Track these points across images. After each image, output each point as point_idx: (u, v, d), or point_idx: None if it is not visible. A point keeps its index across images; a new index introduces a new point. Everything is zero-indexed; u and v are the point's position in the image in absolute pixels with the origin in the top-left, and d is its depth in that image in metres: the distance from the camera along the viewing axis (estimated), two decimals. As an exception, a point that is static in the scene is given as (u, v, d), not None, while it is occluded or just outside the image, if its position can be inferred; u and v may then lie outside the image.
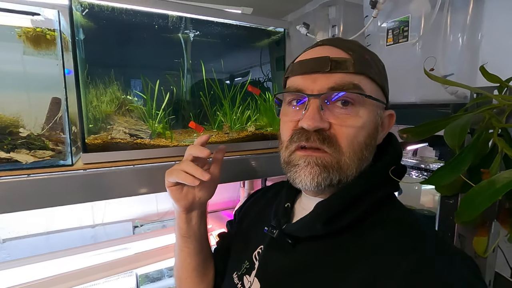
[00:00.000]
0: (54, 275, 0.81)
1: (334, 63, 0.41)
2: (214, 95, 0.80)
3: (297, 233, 0.45)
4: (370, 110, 0.42)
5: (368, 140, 0.42)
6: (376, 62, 0.45)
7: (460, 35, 0.61)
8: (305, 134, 0.41)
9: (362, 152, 0.42)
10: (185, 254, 0.58)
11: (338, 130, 0.41)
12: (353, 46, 0.44)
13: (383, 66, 0.47)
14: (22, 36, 0.57)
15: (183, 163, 0.50)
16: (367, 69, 0.42)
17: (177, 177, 0.49)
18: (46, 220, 1.12)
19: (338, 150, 0.41)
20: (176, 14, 0.72)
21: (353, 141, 0.41)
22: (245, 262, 0.52)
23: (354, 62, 0.41)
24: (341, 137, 0.41)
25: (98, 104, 0.67)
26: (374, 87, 0.43)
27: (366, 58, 0.43)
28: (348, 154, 0.41)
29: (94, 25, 0.64)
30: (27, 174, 0.55)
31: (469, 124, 0.43)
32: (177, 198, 0.53)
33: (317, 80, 0.42)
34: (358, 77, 0.41)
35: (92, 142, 0.63)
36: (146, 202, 1.31)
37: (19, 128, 0.60)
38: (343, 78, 0.41)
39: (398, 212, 0.44)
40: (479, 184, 0.40)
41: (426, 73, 0.52)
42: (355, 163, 0.41)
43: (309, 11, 0.99)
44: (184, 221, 0.56)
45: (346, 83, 0.41)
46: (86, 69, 0.63)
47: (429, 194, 1.14)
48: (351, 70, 0.41)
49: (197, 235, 0.58)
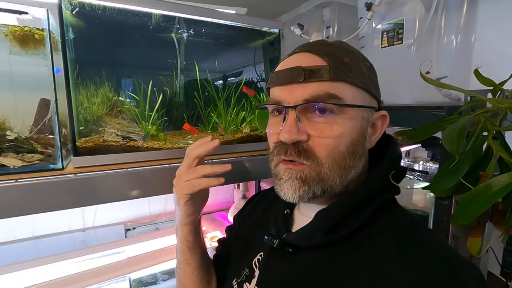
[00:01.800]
0: (44, 282, 0.78)
1: (308, 72, 0.40)
2: (208, 96, 0.79)
3: (298, 243, 0.44)
4: (352, 116, 0.41)
5: (351, 148, 0.41)
6: (359, 64, 0.43)
7: (454, 38, 0.62)
8: (284, 147, 0.41)
9: (344, 161, 0.41)
10: (193, 266, 0.56)
11: (316, 141, 0.40)
12: (331, 50, 0.42)
13: (368, 67, 0.44)
14: (8, 35, 0.54)
15: (196, 170, 0.48)
16: (346, 74, 0.40)
17: (200, 185, 0.47)
18: (34, 225, 1.09)
19: (317, 162, 0.40)
20: (170, 14, 0.71)
21: (333, 151, 0.40)
22: (245, 269, 0.52)
23: (330, 68, 0.39)
24: (319, 149, 0.40)
25: (89, 106, 0.65)
26: (356, 91, 0.41)
27: (345, 61, 0.41)
28: (328, 164, 0.40)
29: (84, 24, 0.62)
30: (15, 179, 0.52)
31: (467, 129, 0.43)
32: (191, 212, 0.51)
33: (293, 91, 0.41)
34: (336, 84, 0.40)
35: (83, 145, 0.61)
36: (138, 204, 1.29)
37: (6, 131, 0.58)
38: (318, 87, 0.40)
39: (399, 219, 0.44)
40: (476, 188, 0.41)
41: (422, 76, 0.52)
42: (336, 173, 0.41)
43: (304, 12, 0.98)
44: (192, 233, 0.54)
45: (321, 94, 0.39)
46: (76, 70, 0.61)
47: (421, 194, 1.16)
48: (327, 77, 0.39)
49: (201, 244, 0.58)
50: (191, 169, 0.49)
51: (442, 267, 0.35)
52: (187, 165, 0.50)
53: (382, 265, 0.37)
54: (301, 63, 0.41)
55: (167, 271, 0.97)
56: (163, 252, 0.96)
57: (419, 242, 0.39)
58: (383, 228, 0.42)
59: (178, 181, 0.50)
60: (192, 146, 0.51)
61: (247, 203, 0.68)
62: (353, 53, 0.44)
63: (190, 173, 0.48)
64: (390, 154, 0.45)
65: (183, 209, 0.51)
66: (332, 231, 0.41)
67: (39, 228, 1.10)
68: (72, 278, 0.79)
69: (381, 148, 0.46)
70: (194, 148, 0.50)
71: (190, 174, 0.48)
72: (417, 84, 0.65)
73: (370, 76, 0.44)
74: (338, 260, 0.41)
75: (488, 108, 0.48)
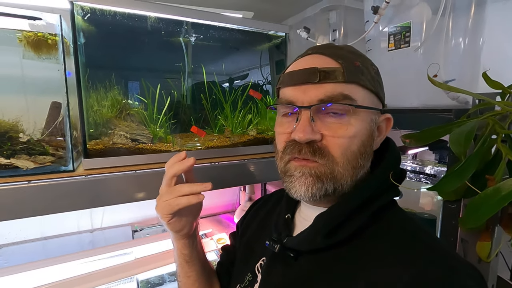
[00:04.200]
0: (54, 282, 0.80)
1: (323, 74, 0.40)
2: (215, 99, 0.80)
3: (298, 247, 0.45)
4: (363, 118, 0.42)
5: (362, 148, 0.42)
6: (368, 67, 0.44)
7: (462, 41, 0.61)
8: (298, 146, 0.42)
9: (356, 161, 0.42)
10: (193, 279, 0.57)
11: (330, 141, 0.41)
12: (343, 53, 0.43)
13: (376, 70, 0.46)
14: (23, 40, 0.56)
15: (175, 190, 0.47)
16: (358, 76, 0.41)
17: (178, 205, 0.46)
18: (43, 225, 1.10)
19: (331, 161, 0.41)
20: (178, 19, 0.72)
21: (346, 150, 0.41)
22: (248, 274, 0.52)
23: (343, 71, 0.40)
24: (333, 148, 0.41)
25: (99, 109, 0.66)
26: (367, 94, 0.43)
27: (357, 65, 0.42)
28: (342, 164, 0.41)
29: (94, 29, 0.64)
30: (28, 181, 0.54)
31: (475, 132, 0.43)
32: (179, 229, 0.52)
33: (307, 91, 0.41)
34: (349, 86, 0.41)
35: (94, 147, 0.62)
36: (145, 205, 1.30)
37: (19, 133, 0.59)
38: (333, 88, 0.40)
39: (399, 221, 0.44)
40: (485, 191, 0.41)
41: (429, 79, 0.52)
42: (349, 172, 0.41)
43: (310, 15, 0.99)
44: (187, 246, 0.55)
45: (335, 94, 0.40)
46: (87, 73, 0.62)
47: (428, 197, 1.15)
48: (341, 79, 0.40)
49: (200, 254, 0.58)
50: (170, 189, 0.48)
51: (441, 268, 0.35)
52: (165, 183, 0.49)
53: (382, 267, 0.38)
54: (316, 64, 0.41)
55: (173, 272, 0.97)
56: (170, 254, 0.96)
57: (418, 244, 0.39)
58: (383, 230, 0.42)
59: (158, 200, 0.49)
60: (168, 164, 0.50)
61: (250, 209, 0.68)
62: (363, 57, 0.45)
63: (169, 192, 0.48)
64: (389, 157, 0.46)
65: (169, 227, 0.51)
66: (332, 234, 0.42)
67: (48, 228, 1.12)
68: (81, 279, 0.80)
69: (381, 150, 0.47)
70: (170, 166, 0.49)
71: (168, 194, 0.48)
72: (424, 87, 0.65)
73: (378, 80, 0.45)
74: (339, 263, 0.41)
75: (497, 111, 0.48)
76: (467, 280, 0.35)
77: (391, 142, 0.49)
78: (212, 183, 0.48)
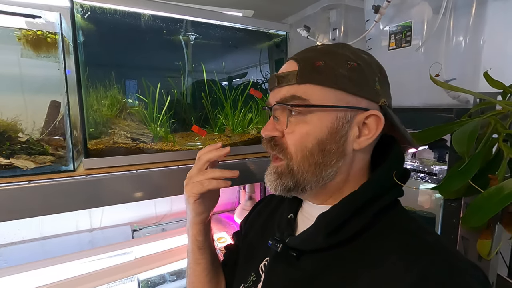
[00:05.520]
0: (55, 282, 0.79)
1: (280, 79, 0.45)
2: (216, 98, 0.80)
3: (300, 246, 0.45)
4: (321, 116, 0.43)
5: (320, 146, 0.42)
6: (337, 65, 0.42)
7: (462, 40, 0.61)
8: (265, 141, 0.48)
9: (312, 157, 0.43)
10: (203, 266, 0.58)
11: (287, 137, 0.45)
12: (311, 55, 0.45)
13: (352, 67, 0.42)
14: (22, 39, 0.55)
15: (207, 172, 0.52)
16: (313, 76, 0.43)
17: (209, 186, 0.50)
18: (41, 225, 1.10)
19: (287, 155, 0.44)
20: (178, 17, 0.72)
21: (301, 147, 0.43)
22: (252, 274, 0.52)
23: (298, 73, 0.43)
24: (289, 144, 0.44)
25: (99, 108, 0.65)
26: (328, 92, 0.42)
27: (317, 64, 0.42)
28: (297, 159, 0.44)
29: (93, 28, 0.63)
30: (28, 181, 0.53)
31: (477, 131, 0.43)
32: (200, 211, 0.54)
33: (273, 94, 0.47)
34: (302, 86, 0.43)
35: (94, 147, 0.62)
36: (144, 205, 1.29)
37: (18, 133, 0.59)
38: (287, 90, 0.44)
39: (402, 220, 0.44)
40: (488, 191, 0.41)
41: (431, 78, 0.53)
42: (306, 168, 0.43)
43: (310, 14, 0.99)
44: (202, 233, 0.57)
45: (288, 96, 0.44)
46: (86, 72, 0.62)
47: (426, 195, 1.15)
48: (293, 81, 0.44)
49: (211, 244, 0.59)
50: (202, 171, 0.52)
51: (444, 268, 0.35)
52: (198, 167, 0.53)
53: (384, 266, 0.38)
54: (280, 71, 0.47)
55: (174, 272, 0.98)
56: (171, 253, 0.96)
57: (421, 243, 0.39)
58: (385, 229, 0.42)
59: (188, 181, 0.53)
60: (204, 151, 0.54)
61: (253, 209, 0.68)
62: (335, 55, 0.43)
63: (201, 174, 0.52)
64: (392, 156, 0.45)
65: (193, 207, 0.54)
66: (334, 234, 0.42)
67: (46, 228, 1.11)
68: (82, 278, 0.79)
69: (385, 150, 0.47)
70: (206, 152, 0.54)
71: (200, 175, 0.52)
72: (425, 86, 0.65)
73: (351, 77, 0.42)
74: (341, 262, 0.41)
75: (498, 111, 0.48)
76: (471, 280, 0.34)
77: (396, 141, 0.48)
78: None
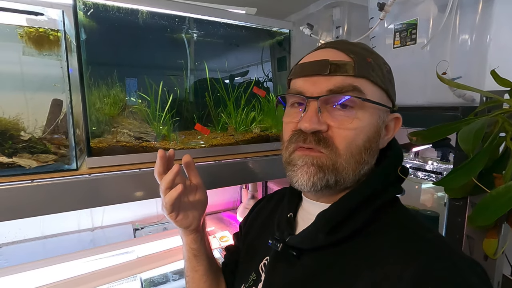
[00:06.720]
0: (57, 281, 0.79)
1: (333, 66, 0.41)
2: (218, 96, 0.79)
3: (301, 245, 0.44)
4: (371, 113, 0.42)
5: (367, 144, 0.42)
6: (381, 65, 0.44)
7: (469, 38, 0.61)
8: (303, 135, 0.42)
9: (360, 155, 0.41)
10: (201, 273, 0.58)
11: (335, 132, 0.41)
12: (356, 48, 0.44)
13: (388, 70, 0.46)
14: (24, 36, 0.55)
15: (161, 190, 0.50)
16: (369, 72, 0.42)
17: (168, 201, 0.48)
18: (43, 224, 1.09)
19: (335, 152, 0.41)
20: (181, 14, 0.71)
21: (351, 143, 0.41)
22: (252, 274, 0.52)
23: (354, 65, 0.41)
24: (338, 139, 0.41)
25: (102, 106, 0.65)
26: (376, 90, 0.43)
27: (368, 61, 0.42)
28: (345, 156, 0.41)
29: (96, 25, 0.62)
30: (31, 180, 0.53)
31: (484, 129, 0.43)
32: (187, 225, 0.54)
33: (317, 83, 0.42)
34: (359, 80, 0.41)
35: (97, 145, 0.61)
36: (146, 204, 1.29)
37: (20, 132, 0.58)
38: (342, 81, 0.41)
39: (401, 218, 0.44)
40: (496, 190, 0.40)
41: (438, 76, 0.52)
42: (352, 166, 0.41)
43: (313, 12, 0.98)
44: (195, 240, 0.56)
45: (345, 86, 0.40)
46: (89, 70, 0.61)
47: (429, 194, 1.15)
48: (351, 73, 0.40)
49: (207, 250, 0.59)
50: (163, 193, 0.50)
51: (444, 264, 0.35)
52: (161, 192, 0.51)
53: (384, 264, 0.37)
54: (328, 57, 0.42)
55: (177, 271, 0.97)
56: (173, 252, 0.96)
57: (421, 241, 0.39)
58: (385, 227, 0.42)
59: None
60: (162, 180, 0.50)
61: (253, 208, 0.68)
62: (375, 54, 0.45)
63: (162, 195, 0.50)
64: (391, 154, 0.46)
65: (177, 224, 0.53)
66: (333, 232, 0.41)
67: (48, 227, 1.11)
68: (85, 277, 0.79)
69: (384, 148, 0.47)
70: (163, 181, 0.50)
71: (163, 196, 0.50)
72: (430, 84, 0.65)
73: (390, 79, 0.45)
74: (341, 260, 0.41)
75: (506, 109, 0.48)
76: (471, 276, 0.34)
77: (393, 139, 0.49)
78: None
